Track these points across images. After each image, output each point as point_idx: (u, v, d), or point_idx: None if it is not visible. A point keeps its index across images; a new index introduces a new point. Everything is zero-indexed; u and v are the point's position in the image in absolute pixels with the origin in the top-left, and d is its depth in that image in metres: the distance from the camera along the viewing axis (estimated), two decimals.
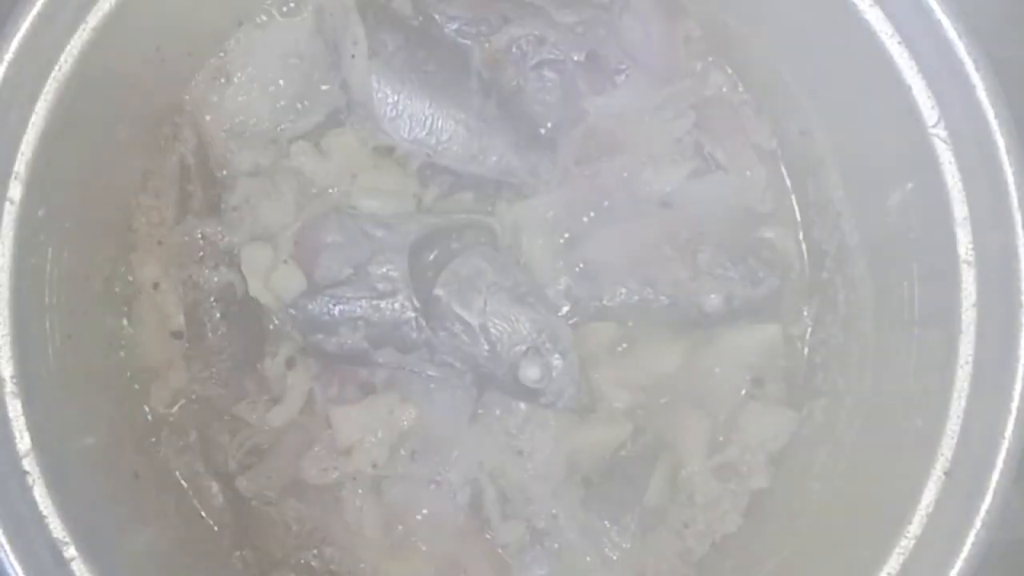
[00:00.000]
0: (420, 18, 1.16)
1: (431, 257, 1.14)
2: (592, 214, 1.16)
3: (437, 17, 1.15)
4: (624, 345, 1.18)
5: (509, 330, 1.10)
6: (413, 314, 1.09)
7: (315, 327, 1.11)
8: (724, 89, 1.21)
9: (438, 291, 1.10)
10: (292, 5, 1.19)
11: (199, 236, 1.15)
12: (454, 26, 1.14)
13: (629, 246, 1.16)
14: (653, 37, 1.15)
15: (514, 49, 1.15)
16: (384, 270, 1.10)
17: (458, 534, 1.17)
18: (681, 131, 1.16)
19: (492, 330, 1.10)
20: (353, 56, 1.12)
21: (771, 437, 1.18)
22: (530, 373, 1.10)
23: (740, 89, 1.21)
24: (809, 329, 1.20)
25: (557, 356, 1.10)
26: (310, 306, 1.11)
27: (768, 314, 1.18)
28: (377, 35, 1.11)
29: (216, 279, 1.15)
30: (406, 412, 1.13)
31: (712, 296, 1.14)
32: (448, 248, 1.15)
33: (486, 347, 1.10)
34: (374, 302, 1.09)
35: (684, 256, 1.15)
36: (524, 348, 1.10)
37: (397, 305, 1.10)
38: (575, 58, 1.14)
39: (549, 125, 1.17)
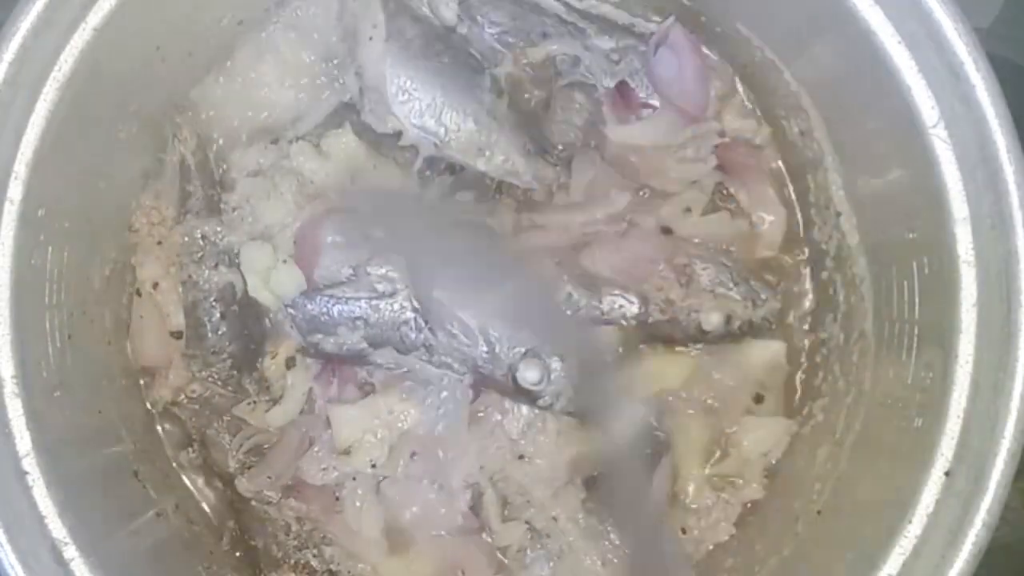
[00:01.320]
0: (465, 20, 1.16)
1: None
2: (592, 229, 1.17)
3: (479, 19, 1.15)
4: (627, 355, 1.18)
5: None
6: (412, 315, 1.09)
7: (314, 327, 1.12)
8: (748, 132, 1.21)
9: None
10: (292, 5, 1.19)
11: (199, 236, 1.16)
12: (494, 31, 1.16)
13: (624, 261, 1.16)
14: (687, 76, 1.15)
15: (549, 65, 1.15)
16: (383, 271, 1.10)
17: (458, 534, 1.17)
18: (700, 174, 1.17)
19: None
20: (371, 38, 1.12)
21: (769, 449, 1.18)
22: (529, 375, 1.09)
23: (762, 126, 1.21)
24: (809, 329, 1.20)
25: (556, 359, 1.10)
26: (309, 306, 1.11)
27: (768, 335, 1.19)
28: (396, 21, 1.11)
29: (216, 279, 1.15)
30: (406, 412, 1.13)
31: (712, 315, 1.14)
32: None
33: (485, 349, 1.10)
34: (373, 302, 1.10)
35: (680, 277, 1.15)
36: (523, 350, 1.10)
37: (396, 306, 1.10)
38: (605, 84, 1.15)
39: (568, 143, 1.18)
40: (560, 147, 1.18)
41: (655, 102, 1.17)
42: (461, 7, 1.15)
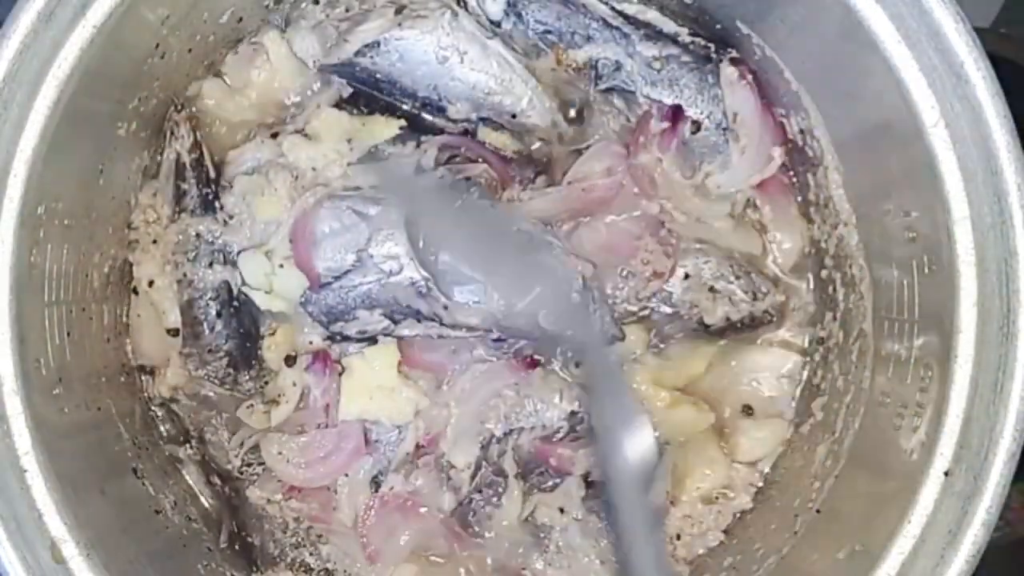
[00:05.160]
0: (511, 16, 1.16)
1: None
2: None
3: (525, 16, 1.15)
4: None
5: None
6: (424, 283, 1.09)
7: (333, 317, 1.12)
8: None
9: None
10: (291, 3, 1.19)
11: (193, 234, 1.16)
12: (538, 29, 1.16)
13: (609, 237, 1.16)
14: (755, 119, 1.15)
15: (589, 68, 1.15)
16: (386, 248, 1.10)
17: (456, 532, 1.17)
18: (739, 207, 1.19)
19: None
20: None
21: (760, 457, 1.19)
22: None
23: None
24: (809, 328, 1.20)
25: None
26: (323, 300, 1.11)
27: (769, 328, 1.19)
28: None
29: (211, 277, 1.15)
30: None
31: (715, 308, 1.15)
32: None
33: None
34: (383, 281, 1.09)
35: (666, 248, 1.16)
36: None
37: (406, 280, 1.10)
38: (645, 92, 1.15)
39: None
40: (573, 112, 1.18)
41: (692, 114, 1.16)
42: (508, 3, 1.15)
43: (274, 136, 1.17)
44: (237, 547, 1.19)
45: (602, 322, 1.11)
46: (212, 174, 1.17)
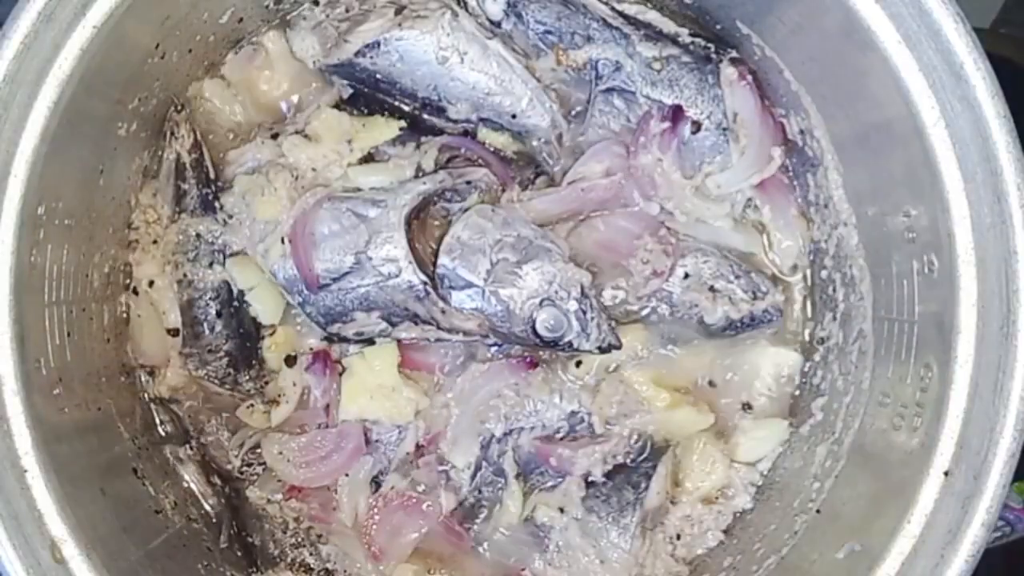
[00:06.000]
0: (511, 16, 1.16)
1: (432, 223, 1.14)
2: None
3: (525, 16, 1.15)
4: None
5: (520, 286, 1.10)
6: (422, 287, 1.09)
7: (331, 318, 1.12)
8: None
9: (443, 260, 1.10)
10: (291, 3, 1.19)
11: (193, 235, 1.16)
12: (539, 30, 1.15)
13: (608, 235, 1.17)
14: (755, 120, 1.15)
15: (589, 68, 1.15)
16: (384, 251, 1.09)
17: (456, 532, 1.17)
18: (739, 208, 1.19)
19: (502, 291, 1.10)
20: None
21: (760, 457, 1.19)
22: (548, 323, 1.09)
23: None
24: (809, 328, 1.20)
25: (572, 301, 1.10)
26: (321, 301, 1.11)
27: (769, 327, 1.19)
28: None
29: (211, 277, 1.16)
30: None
31: (714, 308, 1.15)
32: (447, 210, 1.15)
33: (499, 308, 1.10)
34: (381, 284, 1.09)
35: (666, 247, 1.16)
36: (538, 301, 1.09)
37: (404, 283, 1.09)
38: (645, 92, 1.15)
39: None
40: (573, 112, 1.19)
41: (692, 115, 1.16)
42: (508, 3, 1.15)
43: (274, 136, 1.17)
44: (237, 547, 1.19)
45: (599, 331, 1.11)
46: (212, 174, 1.17)
